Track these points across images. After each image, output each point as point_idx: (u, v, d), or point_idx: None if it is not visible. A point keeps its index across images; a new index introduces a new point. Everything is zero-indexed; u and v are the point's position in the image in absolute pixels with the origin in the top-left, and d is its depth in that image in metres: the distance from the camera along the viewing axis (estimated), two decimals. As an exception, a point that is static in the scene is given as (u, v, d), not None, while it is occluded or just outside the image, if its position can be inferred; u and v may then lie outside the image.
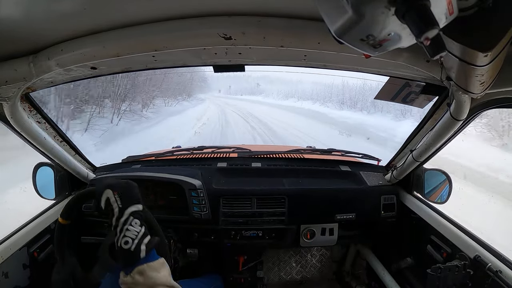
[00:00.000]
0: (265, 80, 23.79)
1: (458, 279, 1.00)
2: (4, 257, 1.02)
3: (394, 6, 0.32)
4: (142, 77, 10.40)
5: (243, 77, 23.94)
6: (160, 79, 11.85)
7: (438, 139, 1.05)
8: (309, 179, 1.49)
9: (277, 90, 22.56)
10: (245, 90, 25.37)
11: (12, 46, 0.75)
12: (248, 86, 25.77)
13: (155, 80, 11.62)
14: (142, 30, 0.72)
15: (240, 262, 1.58)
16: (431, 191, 1.33)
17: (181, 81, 14.56)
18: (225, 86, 25.31)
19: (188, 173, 1.39)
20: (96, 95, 8.64)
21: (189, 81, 15.74)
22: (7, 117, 0.94)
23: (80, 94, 8.15)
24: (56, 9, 0.63)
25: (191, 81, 16.18)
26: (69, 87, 7.35)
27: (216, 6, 0.68)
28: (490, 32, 0.44)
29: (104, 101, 9.01)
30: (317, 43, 0.72)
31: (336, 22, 0.37)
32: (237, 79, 24.45)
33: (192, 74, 15.14)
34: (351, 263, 1.83)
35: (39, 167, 1.33)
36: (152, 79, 11.26)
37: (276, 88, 22.67)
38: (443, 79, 0.78)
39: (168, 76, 12.02)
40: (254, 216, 1.34)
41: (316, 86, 17.81)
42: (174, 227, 1.31)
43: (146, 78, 10.80)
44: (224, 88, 25.40)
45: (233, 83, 25.39)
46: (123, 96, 9.60)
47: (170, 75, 12.07)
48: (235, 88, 25.85)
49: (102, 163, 1.60)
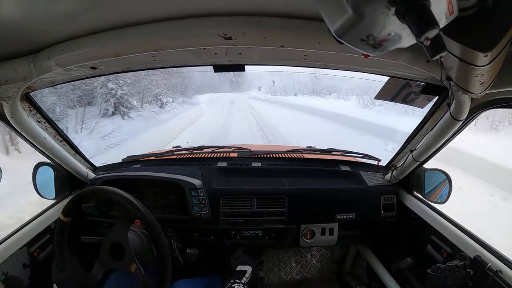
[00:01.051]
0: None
1: (458, 279, 1.00)
2: (4, 257, 1.02)
3: (394, 6, 0.32)
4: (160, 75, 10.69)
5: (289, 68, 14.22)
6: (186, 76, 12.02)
7: (438, 139, 1.05)
8: (309, 179, 1.49)
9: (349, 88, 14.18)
10: (300, 88, 18.07)
11: (12, 46, 0.75)
12: (304, 81, 17.51)
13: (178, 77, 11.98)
14: (142, 30, 0.72)
15: None
16: (431, 191, 1.33)
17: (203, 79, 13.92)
18: (267, 82, 18.69)
19: (188, 173, 1.39)
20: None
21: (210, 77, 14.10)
22: (7, 117, 0.94)
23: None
24: (56, 9, 0.63)
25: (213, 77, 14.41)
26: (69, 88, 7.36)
27: (216, 6, 0.68)
28: (490, 32, 0.44)
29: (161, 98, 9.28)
30: (317, 43, 0.72)
31: (336, 22, 0.37)
32: (280, 71, 17.00)
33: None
34: (351, 263, 1.83)
35: (39, 167, 1.33)
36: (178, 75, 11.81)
37: (347, 86, 14.39)
38: (443, 79, 0.78)
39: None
40: (254, 216, 1.34)
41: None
42: (174, 227, 1.31)
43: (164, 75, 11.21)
44: (266, 84, 18.92)
45: (276, 78, 18.34)
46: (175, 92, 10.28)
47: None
48: (282, 85, 18.40)
49: (102, 163, 1.60)
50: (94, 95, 8.85)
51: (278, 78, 19.31)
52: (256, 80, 18.04)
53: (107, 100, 9.01)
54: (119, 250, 0.94)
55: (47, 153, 1.18)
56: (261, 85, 18.85)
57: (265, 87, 18.83)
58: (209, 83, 16.87)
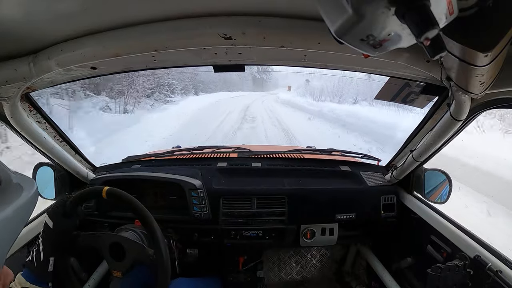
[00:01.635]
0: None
1: (458, 279, 1.00)
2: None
3: (394, 6, 0.32)
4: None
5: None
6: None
7: (438, 139, 1.05)
8: (309, 179, 1.49)
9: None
10: (355, 91, 11.61)
11: (12, 46, 0.75)
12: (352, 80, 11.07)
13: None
14: (142, 30, 0.72)
15: (240, 262, 1.58)
16: (431, 191, 1.33)
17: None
18: (297, 81, 13.53)
19: (188, 173, 1.39)
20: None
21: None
22: (7, 117, 0.94)
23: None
24: (56, 9, 0.63)
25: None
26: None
27: (216, 6, 0.68)
28: (490, 32, 0.44)
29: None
30: (317, 43, 0.72)
31: (336, 22, 0.37)
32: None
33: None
34: (351, 263, 1.83)
35: (39, 167, 1.33)
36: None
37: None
38: (443, 79, 0.78)
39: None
40: (254, 216, 1.34)
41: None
42: (174, 227, 1.31)
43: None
44: (296, 82, 13.61)
45: (311, 77, 13.16)
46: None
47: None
48: (320, 84, 12.78)
49: (102, 163, 1.60)
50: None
51: (311, 76, 13.76)
52: (283, 79, 13.72)
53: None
54: (119, 251, 0.94)
55: (47, 153, 1.18)
56: (291, 84, 13.83)
57: (296, 86, 13.89)
58: (223, 78, 12.47)
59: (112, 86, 9.15)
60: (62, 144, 1.24)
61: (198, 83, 12.67)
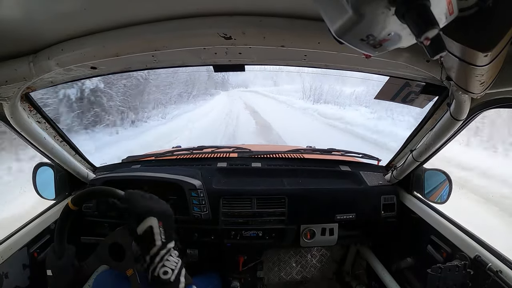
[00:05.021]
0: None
1: (458, 279, 1.00)
2: (4, 257, 1.02)
3: (394, 6, 0.32)
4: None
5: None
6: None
7: (438, 139, 1.05)
8: (309, 179, 1.49)
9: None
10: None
11: (12, 46, 0.75)
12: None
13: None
14: (142, 30, 0.72)
15: (240, 262, 1.58)
16: (431, 191, 1.33)
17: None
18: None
19: (188, 173, 1.39)
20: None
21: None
22: (7, 117, 0.94)
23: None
24: (56, 9, 0.63)
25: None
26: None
27: (216, 6, 0.68)
28: (490, 32, 0.44)
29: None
30: (317, 43, 0.72)
31: (336, 22, 0.37)
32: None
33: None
34: (351, 263, 1.83)
35: (39, 167, 1.33)
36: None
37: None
38: (443, 79, 0.78)
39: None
40: (254, 216, 1.34)
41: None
42: (174, 227, 1.31)
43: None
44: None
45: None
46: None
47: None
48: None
49: (102, 163, 1.60)
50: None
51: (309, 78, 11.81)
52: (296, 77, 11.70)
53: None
54: (119, 251, 0.94)
55: (47, 154, 1.18)
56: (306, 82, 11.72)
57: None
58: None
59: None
60: (62, 144, 1.24)
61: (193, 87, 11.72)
